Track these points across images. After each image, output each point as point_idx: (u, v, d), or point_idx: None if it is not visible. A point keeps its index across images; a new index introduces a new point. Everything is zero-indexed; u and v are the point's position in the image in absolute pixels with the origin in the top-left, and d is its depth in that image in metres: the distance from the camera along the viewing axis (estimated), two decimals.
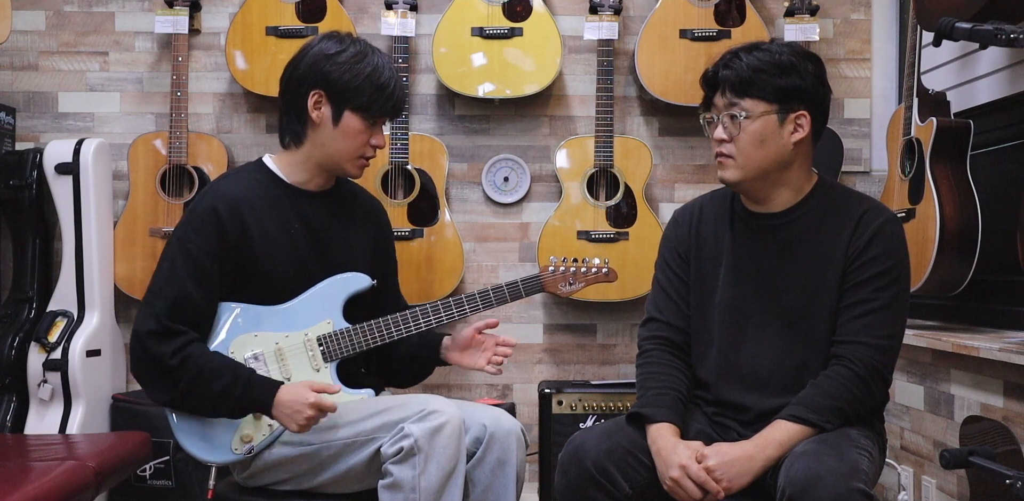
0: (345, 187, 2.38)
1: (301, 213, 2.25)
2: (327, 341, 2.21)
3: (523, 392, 3.63)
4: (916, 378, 2.89)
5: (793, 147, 2.06)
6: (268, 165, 2.28)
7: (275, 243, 2.20)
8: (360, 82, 2.16)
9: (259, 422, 2.12)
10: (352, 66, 2.17)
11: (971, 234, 2.76)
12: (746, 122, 2.03)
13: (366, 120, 2.19)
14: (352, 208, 2.36)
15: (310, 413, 2.03)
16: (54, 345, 3.23)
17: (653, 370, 2.16)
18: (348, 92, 2.17)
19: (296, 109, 2.22)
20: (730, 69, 2.05)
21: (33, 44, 3.63)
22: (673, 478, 1.94)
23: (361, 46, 2.21)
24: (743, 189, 2.13)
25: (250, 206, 2.19)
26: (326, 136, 2.20)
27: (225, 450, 2.13)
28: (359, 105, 2.17)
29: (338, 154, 2.21)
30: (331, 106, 2.19)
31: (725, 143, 2.07)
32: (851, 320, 2.04)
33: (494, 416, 2.16)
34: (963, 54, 3.07)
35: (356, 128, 2.19)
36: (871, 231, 2.05)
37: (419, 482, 1.99)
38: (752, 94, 2.03)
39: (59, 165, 3.32)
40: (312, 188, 2.28)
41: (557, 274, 2.43)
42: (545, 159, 3.66)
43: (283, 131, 2.27)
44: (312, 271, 2.24)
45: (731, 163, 2.07)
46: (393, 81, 2.20)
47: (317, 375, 2.20)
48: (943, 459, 1.84)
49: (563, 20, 3.59)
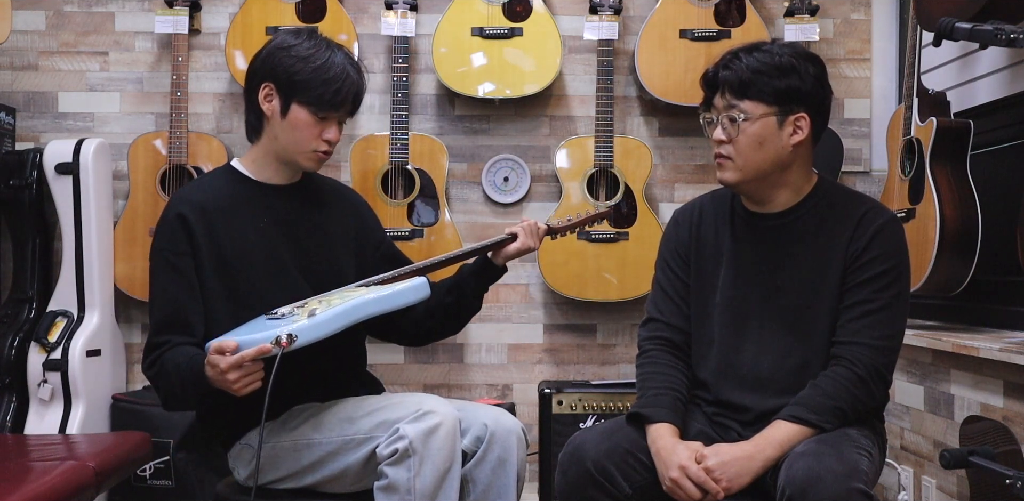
0: (314, 178, 2.39)
1: (269, 208, 2.26)
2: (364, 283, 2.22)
3: (523, 392, 3.63)
4: (916, 378, 2.89)
5: (792, 149, 2.06)
6: (235, 166, 2.31)
7: (245, 240, 2.21)
8: (307, 76, 2.17)
9: (312, 309, 2.02)
10: (301, 59, 2.18)
11: (971, 234, 2.76)
12: (745, 124, 2.03)
13: (314, 114, 2.19)
14: (323, 198, 2.36)
15: (231, 376, 1.93)
16: (54, 345, 3.23)
17: (653, 370, 2.16)
18: (294, 85, 2.18)
19: (252, 102, 2.25)
20: (729, 70, 2.04)
21: (33, 44, 3.64)
22: (673, 478, 1.94)
23: (318, 41, 2.23)
24: (742, 190, 2.13)
25: (215, 207, 2.21)
26: (277, 129, 2.22)
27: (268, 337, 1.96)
28: (305, 99, 2.18)
29: (290, 147, 2.23)
30: (279, 98, 2.20)
31: (724, 144, 2.06)
32: (851, 321, 2.03)
33: (495, 415, 2.17)
34: (963, 54, 3.07)
35: (304, 121, 2.20)
36: (871, 232, 2.05)
37: (414, 484, 2.00)
38: (751, 96, 2.03)
39: (59, 165, 3.33)
40: (279, 182, 2.30)
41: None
42: (545, 159, 3.66)
43: (246, 125, 2.31)
44: (288, 263, 2.24)
45: (730, 164, 2.07)
46: (343, 77, 2.19)
47: (358, 289, 2.16)
48: (943, 459, 1.84)
49: (563, 20, 3.59)
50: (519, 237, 2.31)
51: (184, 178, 3.43)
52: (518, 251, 2.32)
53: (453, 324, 2.42)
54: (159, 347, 2.12)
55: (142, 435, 2.81)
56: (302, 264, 2.26)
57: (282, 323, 2.01)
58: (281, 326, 1.98)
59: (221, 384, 1.96)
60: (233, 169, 2.31)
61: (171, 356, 2.10)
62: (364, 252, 2.39)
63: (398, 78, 3.45)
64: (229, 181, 2.28)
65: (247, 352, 1.93)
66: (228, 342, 1.95)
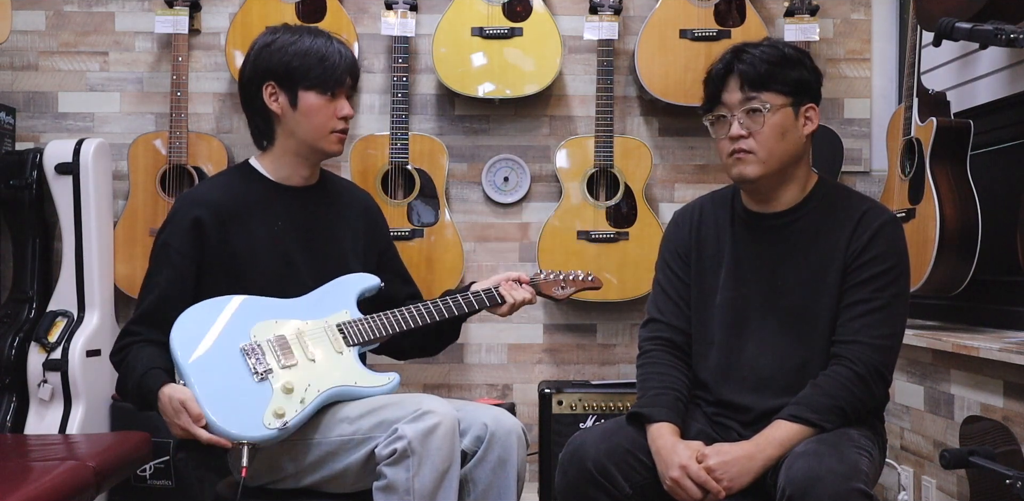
0: (331, 181, 2.40)
1: (285, 210, 2.27)
2: (347, 327, 2.22)
3: (523, 392, 3.63)
4: (916, 378, 2.89)
5: (805, 140, 2.09)
6: (253, 165, 2.33)
7: (258, 243, 2.22)
8: (301, 61, 2.20)
9: (291, 396, 2.08)
10: (287, 49, 2.21)
11: (971, 234, 2.76)
12: (768, 115, 2.03)
13: (322, 94, 2.22)
14: (338, 201, 2.38)
15: (177, 423, 2.04)
16: (54, 345, 3.23)
17: (653, 370, 2.16)
18: (293, 73, 2.20)
19: (257, 109, 2.27)
20: (745, 63, 2.05)
21: (33, 44, 3.63)
22: (673, 478, 1.94)
23: (294, 30, 2.26)
24: (757, 186, 2.11)
25: (231, 208, 2.22)
26: (292, 123, 2.24)
27: (257, 425, 2.04)
28: (308, 83, 2.21)
29: (310, 136, 2.24)
30: (285, 92, 2.22)
31: (743, 139, 2.05)
32: (851, 320, 2.03)
33: (495, 415, 2.16)
34: (963, 54, 3.07)
35: (316, 105, 2.22)
36: (871, 231, 2.05)
37: (413, 484, 2.00)
38: (771, 87, 2.04)
39: (59, 165, 3.32)
40: (296, 184, 2.31)
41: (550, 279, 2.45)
42: (545, 159, 3.66)
43: (255, 136, 2.32)
44: (298, 265, 2.25)
45: (752, 158, 2.06)
46: (333, 52, 2.22)
47: (340, 357, 2.19)
48: (943, 459, 1.84)
49: (563, 20, 3.59)
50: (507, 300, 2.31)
51: (184, 178, 3.43)
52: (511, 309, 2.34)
53: (429, 352, 2.50)
54: (131, 335, 2.18)
55: (142, 435, 2.81)
56: (312, 267, 2.27)
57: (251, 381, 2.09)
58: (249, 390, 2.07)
59: (166, 417, 2.05)
60: (251, 168, 2.32)
61: (135, 355, 2.15)
62: (370, 257, 2.40)
63: (398, 78, 3.45)
64: (246, 180, 2.29)
65: (200, 434, 2.01)
66: (194, 408, 2.02)
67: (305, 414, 2.09)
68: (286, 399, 2.08)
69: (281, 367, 2.12)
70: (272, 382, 2.09)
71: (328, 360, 2.17)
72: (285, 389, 2.08)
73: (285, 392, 2.08)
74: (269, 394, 2.07)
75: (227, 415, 2.04)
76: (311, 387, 2.11)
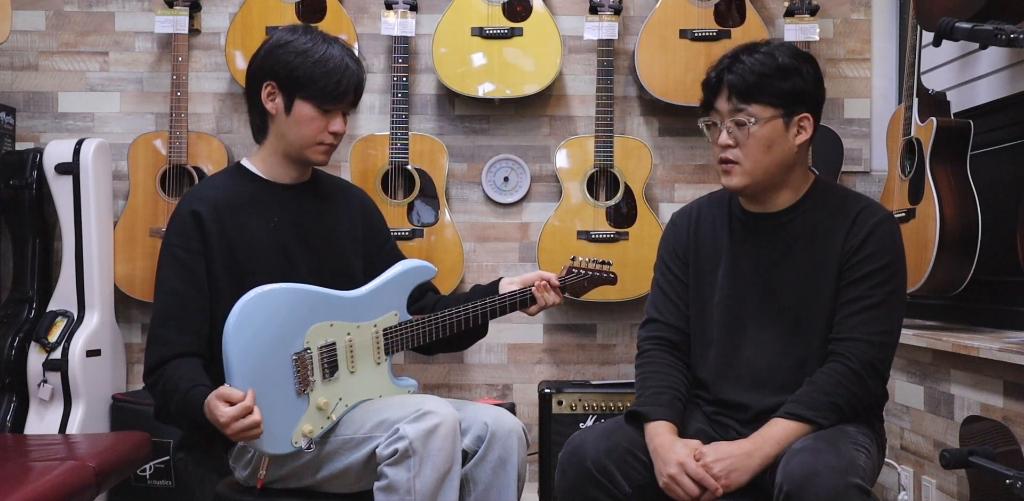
0: (323, 178, 2.41)
1: (280, 207, 2.27)
2: (391, 334, 2.24)
3: (523, 392, 3.63)
4: (916, 378, 2.89)
5: (797, 149, 2.07)
6: (245, 165, 2.33)
7: (256, 238, 2.22)
8: (307, 70, 2.19)
9: (322, 413, 2.10)
10: (299, 54, 2.20)
11: (971, 234, 2.76)
12: (754, 128, 2.03)
13: (317, 108, 2.21)
14: (332, 197, 2.38)
15: (233, 429, 1.96)
16: (54, 345, 3.23)
17: (652, 370, 2.17)
18: (296, 80, 2.20)
19: (255, 103, 2.26)
20: (734, 74, 2.03)
21: (33, 44, 3.63)
22: (671, 475, 1.93)
23: (314, 35, 2.24)
24: (747, 193, 2.13)
25: (228, 205, 2.22)
26: (283, 126, 2.24)
27: (285, 442, 2.07)
28: (307, 93, 2.20)
29: (297, 143, 2.24)
30: (282, 96, 2.22)
31: (730, 149, 2.05)
32: (847, 317, 2.04)
33: (495, 415, 2.17)
34: (963, 54, 3.07)
35: (308, 116, 2.21)
36: (866, 229, 2.05)
37: (414, 484, 2.00)
38: (759, 100, 2.02)
39: (59, 165, 3.33)
40: (288, 181, 2.31)
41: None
42: (545, 159, 3.66)
43: (252, 127, 2.32)
44: (298, 261, 2.25)
45: (737, 169, 2.06)
46: (343, 68, 2.21)
47: (377, 368, 2.22)
48: (943, 459, 1.84)
49: (563, 20, 3.59)
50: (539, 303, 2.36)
51: (184, 178, 3.43)
52: (540, 310, 2.39)
53: (456, 348, 2.50)
54: (159, 345, 2.13)
55: (142, 435, 2.81)
56: (311, 263, 2.27)
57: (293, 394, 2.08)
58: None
59: (219, 427, 1.98)
60: (243, 168, 2.32)
61: (172, 374, 2.09)
62: (370, 251, 2.40)
63: (398, 78, 3.45)
64: (240, 180, 2.30)
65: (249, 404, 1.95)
66: (234, 392, 1.96)
67: (328, 428, 2.12)
68: (318, 416, 2.10)
69: (324, 381, 2.13)
70: (311, 398, 2.10)
71: (366, 373, 2.20)
72: (319, 406, 2.11)
73: (318, 409, 2.11)
74: (304, 410, 2.09)
75: None
76: (341, 402, 2.14)
